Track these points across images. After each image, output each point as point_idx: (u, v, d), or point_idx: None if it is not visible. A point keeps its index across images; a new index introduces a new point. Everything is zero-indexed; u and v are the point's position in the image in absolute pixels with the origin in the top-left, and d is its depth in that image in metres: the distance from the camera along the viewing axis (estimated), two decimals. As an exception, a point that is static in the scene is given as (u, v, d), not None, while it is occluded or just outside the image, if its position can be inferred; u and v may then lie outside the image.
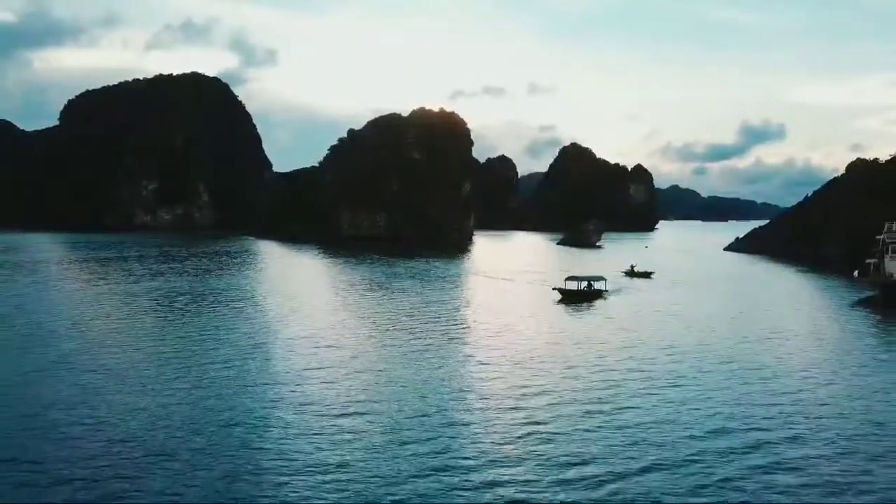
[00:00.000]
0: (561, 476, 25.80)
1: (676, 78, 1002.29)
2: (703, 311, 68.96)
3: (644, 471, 26.41)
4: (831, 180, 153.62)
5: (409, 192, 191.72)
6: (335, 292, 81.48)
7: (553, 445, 28.90)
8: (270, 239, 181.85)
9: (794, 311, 71.07)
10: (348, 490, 24.35)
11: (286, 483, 24.81)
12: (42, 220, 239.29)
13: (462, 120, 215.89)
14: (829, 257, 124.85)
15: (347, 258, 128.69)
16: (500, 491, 24.53)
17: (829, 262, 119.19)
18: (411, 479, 25.22)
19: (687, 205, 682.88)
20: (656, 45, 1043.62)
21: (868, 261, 76.39)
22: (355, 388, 37.28)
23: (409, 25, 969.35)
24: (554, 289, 79.27)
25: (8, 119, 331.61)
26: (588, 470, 26.41)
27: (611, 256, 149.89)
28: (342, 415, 32.55)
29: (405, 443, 28.81)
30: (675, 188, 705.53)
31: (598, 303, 74.88)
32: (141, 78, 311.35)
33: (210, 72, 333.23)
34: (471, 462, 27.04)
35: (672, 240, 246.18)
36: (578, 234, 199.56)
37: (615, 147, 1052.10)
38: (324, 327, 55.70)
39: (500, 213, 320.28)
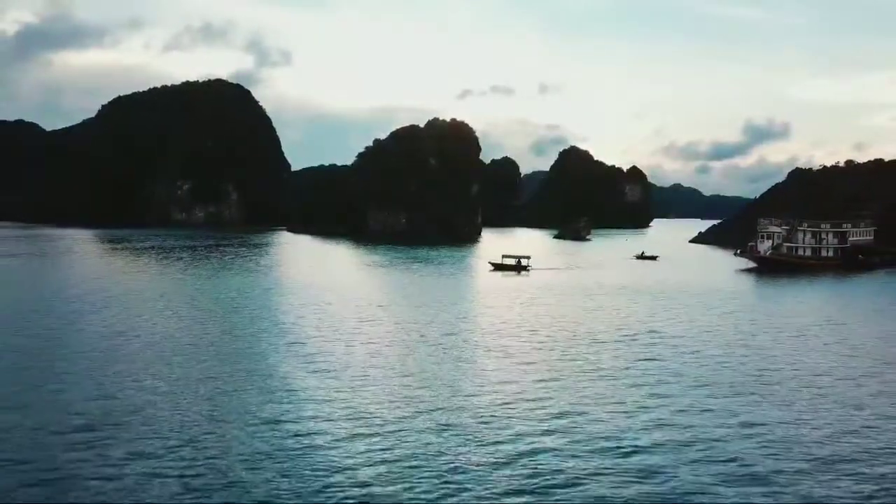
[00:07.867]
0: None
1: (681, 76, 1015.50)
2: (614, 279, 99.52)
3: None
4: (775, 185, 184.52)
5: (426, 194, 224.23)
6: (374, 269, 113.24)
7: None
8: (305, 234, 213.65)
9: (694, 274, 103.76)
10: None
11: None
12: (75, 218, 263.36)
13: (471, 128, 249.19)
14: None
15: (378, 249, 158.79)
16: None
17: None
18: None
19: (688, 203, 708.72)
20: (661, 43, 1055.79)
21: (749, 244, 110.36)
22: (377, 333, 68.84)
23: (419, 25, 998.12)
24: (489, 262, 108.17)
25: (29, 119, 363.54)
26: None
27: (596, 247, 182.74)
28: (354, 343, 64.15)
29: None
30: (677, 187, 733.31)
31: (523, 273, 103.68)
32: (169, 84, 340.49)
33: (225, 72, 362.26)
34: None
35: (657, 235, 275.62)
36: (571, 230, 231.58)
37: (619, 146, 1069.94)
38: (365, 289, 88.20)
39: (505, 211, 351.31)
